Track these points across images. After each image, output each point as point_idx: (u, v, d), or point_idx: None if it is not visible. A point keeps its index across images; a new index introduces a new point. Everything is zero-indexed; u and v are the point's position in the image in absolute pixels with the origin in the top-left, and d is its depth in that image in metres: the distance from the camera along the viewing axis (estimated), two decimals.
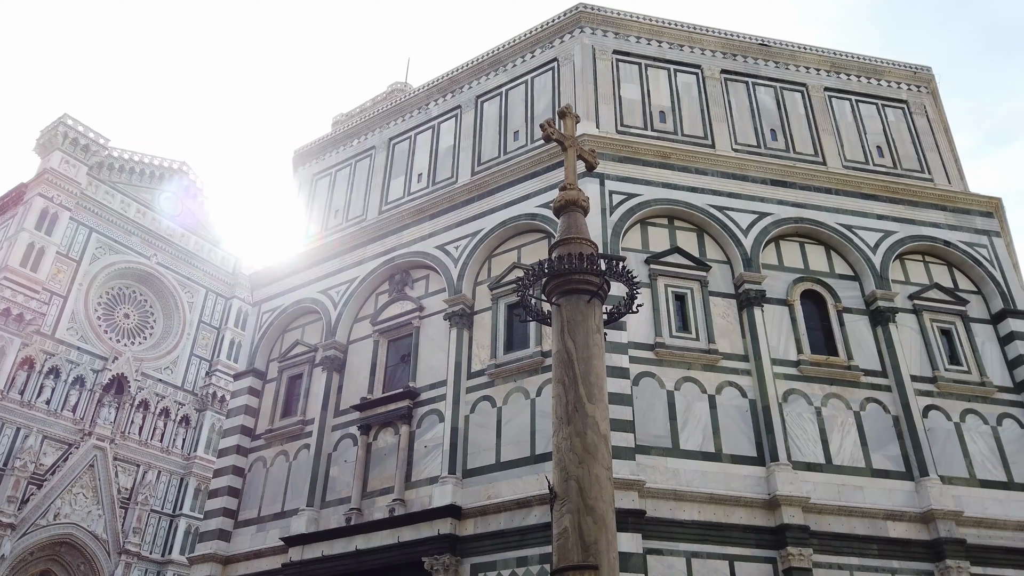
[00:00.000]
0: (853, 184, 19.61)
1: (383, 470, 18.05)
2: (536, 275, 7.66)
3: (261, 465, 20.44)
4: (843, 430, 16.53)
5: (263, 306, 22.94)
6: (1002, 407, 17.53)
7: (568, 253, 7.46)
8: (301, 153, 25.88)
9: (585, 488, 6.28)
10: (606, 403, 6.91)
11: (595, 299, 7.38)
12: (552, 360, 7.28)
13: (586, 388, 6.76)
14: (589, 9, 21.14)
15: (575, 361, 6.93)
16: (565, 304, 7.34)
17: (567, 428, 6.63)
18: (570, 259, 7.33)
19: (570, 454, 6.47)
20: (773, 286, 17.90)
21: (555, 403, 6.92)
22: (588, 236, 7.98)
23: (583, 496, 6.25)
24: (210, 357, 48.86)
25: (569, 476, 6.40)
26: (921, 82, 22.70)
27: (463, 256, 19.11)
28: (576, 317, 7.21)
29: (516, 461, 16.19)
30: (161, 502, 42.87)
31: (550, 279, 7.53)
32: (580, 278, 7.38)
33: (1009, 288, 18.94)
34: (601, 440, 6.58)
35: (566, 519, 6.23)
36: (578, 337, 7.09)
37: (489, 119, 21.51)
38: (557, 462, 6.62)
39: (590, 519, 6.17)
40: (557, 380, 6.97)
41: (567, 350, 7.05)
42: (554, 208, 8.25)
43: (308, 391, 20.54)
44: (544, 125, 8.73)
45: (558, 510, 6.35)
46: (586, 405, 6.66)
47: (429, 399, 18.18)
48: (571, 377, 6.82)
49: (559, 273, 7.40)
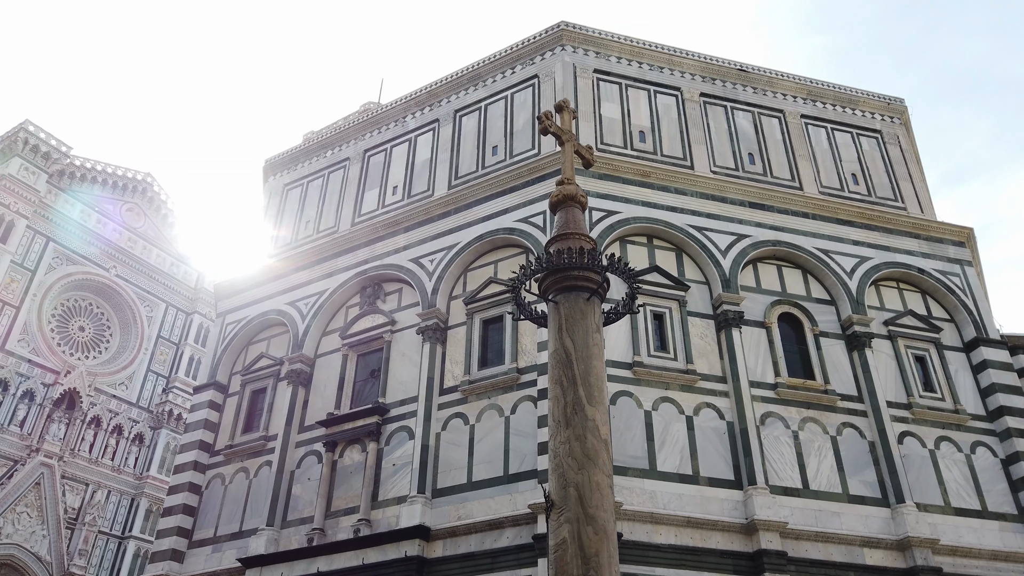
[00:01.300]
0: (829, 210, 19.68)
1: (348, 489, 17.36)
2: (533, 270, 7.26)
3: (219, 482, 19.58)
4: (820, 455, 16.34)
5: (227, 317, 22.18)
6: (975, 435, 17.51)
7: (568, 248, 7.09)
8: (272, 163, 25.32)
9: (585, 496, 5.84)
10: (607, 406, 6.51)
11: (595, 297, 7.02)
12: (548, 360, 6.87)
13: (586, 389, 6.36)
14: (571, 28, 21.09)
15: (574, 361, 6.52)
16: (563, 301, 6.94)
17: (566, 431, 6.20)
18: (570, 253, 6.96)
19: (569, 459, 6.03)
20: (751, 308, 17.77)
21: (552, 405, 6.49)
22: (587, 232, 7.64)
23: (583, 504, 5.81)
24: (168, 373, 47.36)
25: (568, 483, 5.96)
26: (894, 113, 23.02)
27: (438, 269, 18.67)
28: (575, 315, 6.82)
29: (488, 481, 15.66)
30: (110, 523, 41.11)
31: (548, 275, 7.14)
32: (579, 274, 7.00)
33: (981, 317, 19.06)
34: (602, 445, 6.16)
35: (564, 529, 5.78)
36: (577, 336, 6.70)
37: (467, 133, 21.24)
38: (554, 468, 6.17)
39: (590, 529, 5.72)
40: (554, 381, 6.55)
41: (565, 349, 6.64)
42: (551, 203, 7.90)
43: (272, 406, 19.80)
44: (542, 117, 8.42)
45: (555, 519, 5.90)
46: (586, 407, 6.25)
47: (399, 416, 17.60)
48: (570, 377, 6.41)
49: (558, 268, 7.01)
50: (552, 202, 7.85)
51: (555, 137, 8.70)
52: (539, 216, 17.88)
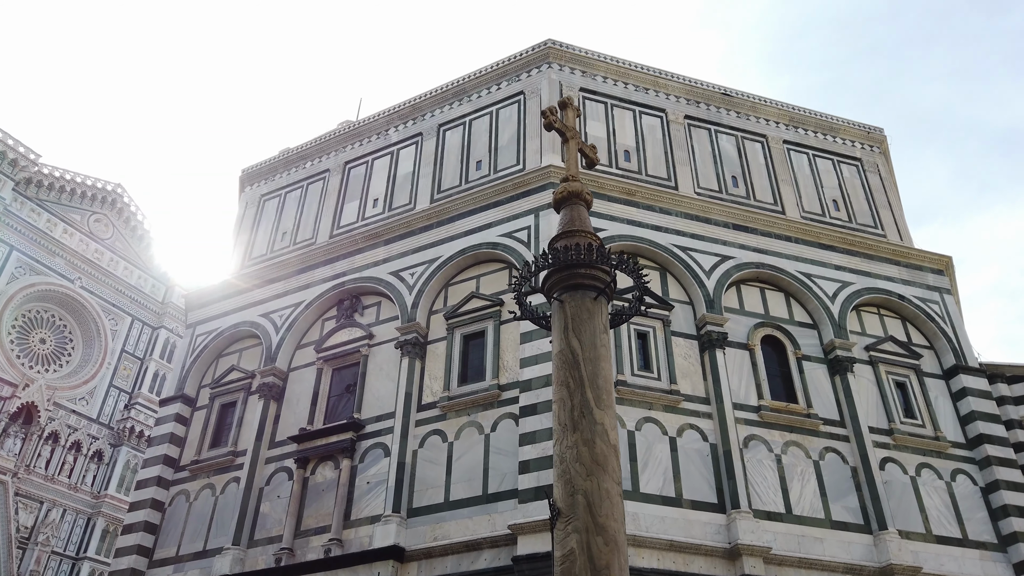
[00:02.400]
0: (812, 234, 19.71)
1: (320, 507, 16.75)
2: (538, 267, 6.94)
3: (184, 499, 18.82)
4: (803, 479, 16.13)
5: (198, 329, 21.53)
6: (955, 463, 17.45)
7: (576, 244, 6.79)
8: (249, 173, 24.83)
9: (595, 504, 5.48)
10: (615, 410, 6.19)
11: (601, 297, 6.71)
12: (553, 361, 6.54)
13: (594, 392, 6.04)
14: (558, 46, 21.04)
15: (581, 362, 6.20)
16: (569, 300, 6.64)
17: (573, 436, 5.86)
18: (577, 250, 6.67)
19: (577, 465, 5.68)
20: (734, 329, 17.63)
21: (558, 408, 6.15)
22: (592, 230, 7.36)
23: (592, 513, 5.45)
24: (131, 389, 46.02)
25: (576, 490, 5.60)
26: (874, 142, 23.27)
27: (419, 283, 18.29)
28: (581, 314, 6.51)
29: (467, 500, 15.19)
30: (64, 543, 39.52)
31: (553, 272, 6.83)
32: (586, 272, 6.70)
33: (960, 344, 19.12)
34: (611, 450, 5.83)
35: (572, 539, 5.41)
36: (584, 336, 6.38)
37: (451, 147, 20.99)
38: (560, 474, 5.81)
39: (600, 540, 5.36)
40: (560, 383, 6.22)
41: (572, 349, 6.32)
42: (555, 200, 7.63)
43: (241, 420, 19.15)
44: (546, 112, 8.18)
45: (561, 529, 5.53)
46: (594, 411, 5.93)
47: (374, 432, 17.07)
48: (576, 379, 6.09)
49: (565, 265, 6.71)
50: (557, 199, 7.57)
51: (559, 133, 8.46)
52: (523, 231, 17.64)
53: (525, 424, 14.97)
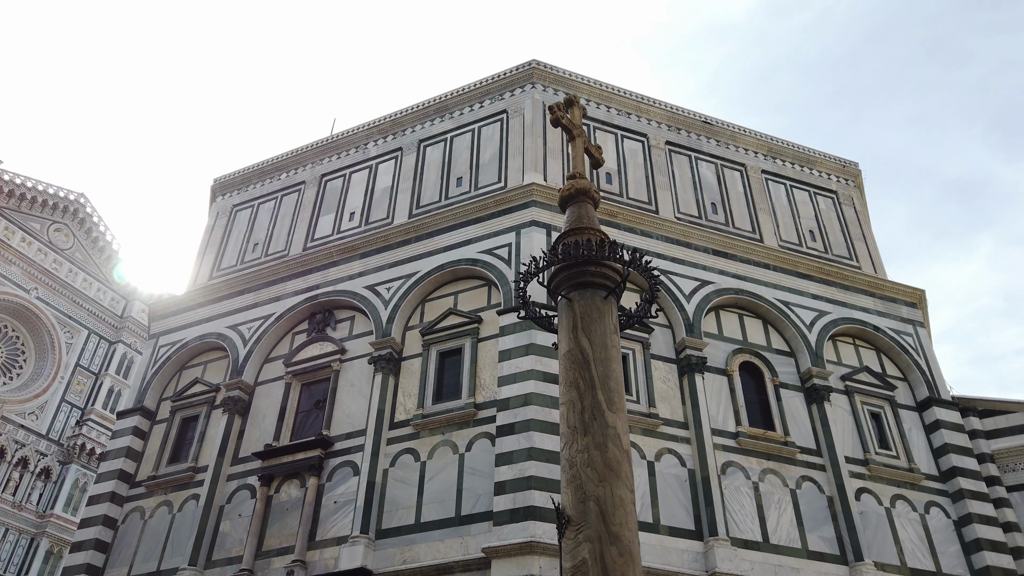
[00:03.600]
0: (789, 263, 19.76)
1: (283, 527, 16.06)
2: (546, 263, 6.63)
3: (138, 516, 17.94)
4: (780, 508, 15.92)
5: (161, 339, 20.77)
6: (929, 495, 17.40)
7: (587, 240, 6.51)
8: (222, 183, 24.26)
9: (608, 512, 5.14)
10: (626, 414, 5.86)
11: (611, 297, 6.43)
12: (560, 362, 6.20)
13: (605, 394, 5.72)
14: (542, 66, 21.01)
15: (592, 362, 5.88)
16: (578, 299, 6.33)
17: (583, 439, 5.51)
18: (588, 246, 6.38)
19: (588, 470, 5.33)
20: (713, 355, 17.48)
21: (566, 410, 5.81)
22: (600, 228, 7.08)
23: (605, 522, 5.10)
24: (83, 405, 44.40)
25: (587, 496, 5.24)
26: (849, 175, 23.56)
27: (395, 298, 17.87)
28: (591, 313, 6.21)
29: (438, 522, 14.66)
30: (4, 565, 37.66)
31: (561, 269, 6.53)
32: (596, 270, 6.41)
33: (934, 377, 19.21)
34: (624, 456, 5.50)
35: (584, 549, 5.04)
36: (594, 336, 6.08)
37: (431, 163, 20.73)
38: (570, 480, 5.44)
39: (615, 550, 5.01)
40: (569, 384, 5.89)
41: (582, 349, 5.99)
42: (561, 198, 7.37)
43: (204, 435, 18.40)
44: (553, 108, 7.95)
45: (571, 539, 5.16)
46: (606, 413, 5.60)
47: (344, 449, 16.50)
48: (587, 380, 5.76)
49: (575, 262, 6.41)
50: (563, 196, 7.31)
51: (565, 130, 8.23)
52: (504, 248, 17.37)
53: (502, 444, 14.56)
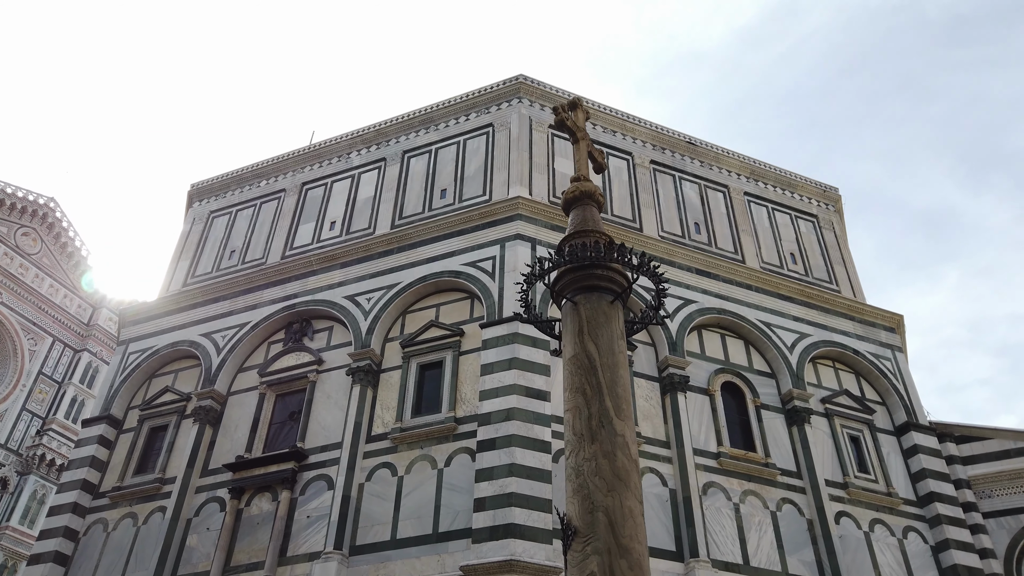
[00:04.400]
0: (771, 284, 19.80)
1: (253, 541, 15.56)
2: (552, 264, 6.43)
3: (101, 528, 17.29)
4: (760, 530, 15.77)
5: (131, 346, 20.18)
6: (907, 520, 17.38)
7: (595, 242, 6.33)
8: (199, 189, 23.81)
9: (617, 523, 4.90)
10: (634, 423, 5.66)
11: (618, 301, 6.25)
12: (565, 367, 5.99)
13: (613, 401, 5.51)
14: (529, 82, 20.97)
15: (599, 368, 5.67)
16: (584, 302, 6.13)
17: (591, 447, 5.28)
18: (596, 248, 6.20)
19: (596, 479, 5.09)
20: (695, 374, 17.38)
21: (571, 417, 5.59)
22: (606, 231, 6.91)
23: (615, 534, 4.87)
24: (44, 414, 43.10)
25: (595, 507, 5.00)
26: (830, 200, 23.77)
27: (375, 309, 17.55)
28: (598, 317, 6.01)
29: (415, 539, 14.28)
30: None
31: (566, 272, 6.33)
32: (603, 273, 6.23)
33: (912, 402, 19.28)
34: (633, 466, 5.29)
35: (592, 562, 4.79)
36: (601, 341, 5.87)
37: (415, 174, 20.53)
38: (577, 489, 5.20)
39: (625, 563, 4.77)
40: (575, 389, 5.67)
41: (588, 354, 5.78)
42: (565, 200, 7.21)
43: (172, 445, 17.85)
44: (558, 109, 7.81)
45: (578, 551, 4.91)
46: (614, 421, 5.39)
47: (318, 463, 16.07)
48: (594, 386, 5.55)
49: (581, 264, 6.21)
50: (567, 198, 7.14)
51: (569, 132, 8.10)
52: (488, 261, 17.17)
53: (482, 459, 14.27)
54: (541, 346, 15.70)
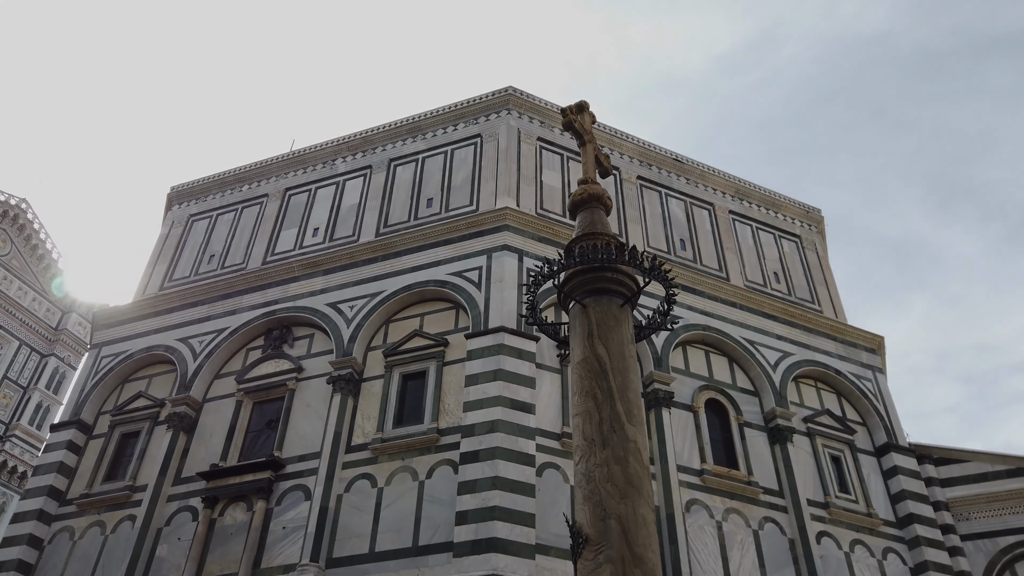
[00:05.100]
0: (755, 302, 19.83)
1: (226, 552, 15.12)
2: (561, 265, 6.28)
3: (67, 537, 16.73)
4: (742, 548, 15.66)
5: (104, 350, 19.67)
6: (886, 541, 17.38)
7: (606, 243, 6.20)
8: (179, 191, 23.40)
9: (630, 531, 4.73)
10: (645, 429, 5.49)
11: (627, 305, 6.10)
12: (574, 371, 5.82)
13: (624, 405, 5.35)
14: (518, 94, 20.92)
15: (610, 372, 5.52)
16: (593, 305, 5.98)
17: (602, 452, 5.11)
18: (607, 250, 6.07)
19: (608, 485, 4.93)
20: (679, 390, 17.30)
21: (581, 422, 5.41)
22: (614, 234, 6.77)
23: (628, 542, 4.69)
24: (8, 420, 41.96)
25: (608, 514, 4.83)
26: (812, 221, 23.95)
27: (358, 317, 17.27)
28: (608, 321, 5.87)
29: (394, 552, 13.96)
30: None
31: (575, 274, 6.18)
32: (613, 276, 6.09)
33: (892, 423, 19.36)
34: (646, 473, 5.13)
35: (605, 571, 4.61)
36: (612, 344, 5.73)
37: (402, 183, 20.33)
38: (588, 496, 5.03)
39: (639, 573, 4.59)
40: (585, 393, 5.50)
41: (598, 357, 5.63)
42: (572, 202, 7.07)
43: (144, 452, 17.36)
44: (565, 111, 7.70)
45: (590, 559, 4.72)
46: (626, 426, 5.23)
47: (296, 472, 15.70)
48: (605, 390, 5.39)
49: (592, 266, 6.06)
50: (575, 200, 7.01)
51: (576, 135, 7.99)
52: (474, 272, 17.00)
53: (465, 472, 14.01)
54: (527, 358, 15.54)
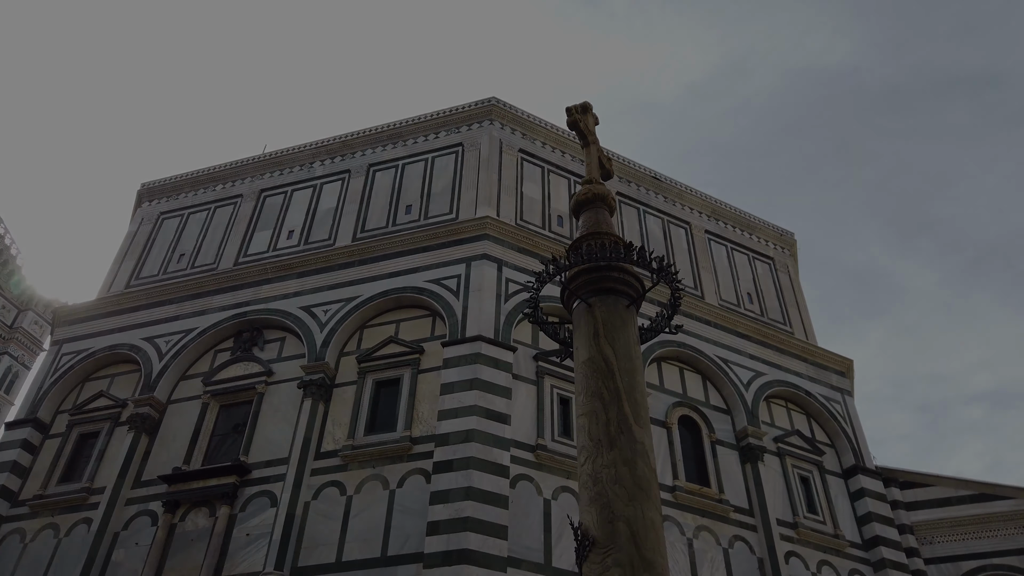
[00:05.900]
0: (729, 321, 19.94)
1: (186, 559, 14.63)
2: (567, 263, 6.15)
3: (17, 540, 16.07)
4: (713, 566, 15.61)
5: (65, 347, 19.06)
6: (852, 562, 17.47)
7: (613, 243, 6.09)
8: (151, 188, 22.90)
9: (639, 535, 4.60)
10: (651, 431, 5.37)
11: (633, 306, 6.00)
12: (579, 371, 5.68)
13: (632, 407, 5.23)
14: (501, 105, 20.90)
15: (616, 372, 5.40)
16: (599, 304, 5.87)
17: (610, 454, 4.98)
18: (615, 248, 5.96)
19: (616, 487, 4.78)
20: (654, 406, 17.23)
21: (587, 422, 5.28)
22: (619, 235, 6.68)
23: (637, 545, 4.56)
24: None
25: (616, 516, 4.69)
26: (785, 244, 24.24)
27: (332, 321, 16.97)
28: (614, 320, 5.76)
29: (362, 562, 13.62)
30: None
31: (581, 273, 6.06)
32: (620, 276, 5.99)
33: (859, 446, 19.54)
34: (653, 476, 5.01)
35: (614, 574, 4.46)
36: (618, 344, 5.61)
37: (380, 189, 20.13)
38: (595, 498, 4.88)
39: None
40: (592, 394, 5.37)
41: (605, 357, 5.51)
42: (576, 202, 6.97)
43: (103, 453, 16.80)
44: (570, 110, 7.61)
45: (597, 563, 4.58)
46: (633, 427, 5.11)
47: (262, 478, 15.29)
48: (612, 390, 5.26)
49: (599, 264, 5.95)
50: (579, 200, 6.91)
51: (580, 135, 7.88)
52: (453, 280, 16.83)
53: (438, 481, 13.77)
54: (503, 368, 15.39)
